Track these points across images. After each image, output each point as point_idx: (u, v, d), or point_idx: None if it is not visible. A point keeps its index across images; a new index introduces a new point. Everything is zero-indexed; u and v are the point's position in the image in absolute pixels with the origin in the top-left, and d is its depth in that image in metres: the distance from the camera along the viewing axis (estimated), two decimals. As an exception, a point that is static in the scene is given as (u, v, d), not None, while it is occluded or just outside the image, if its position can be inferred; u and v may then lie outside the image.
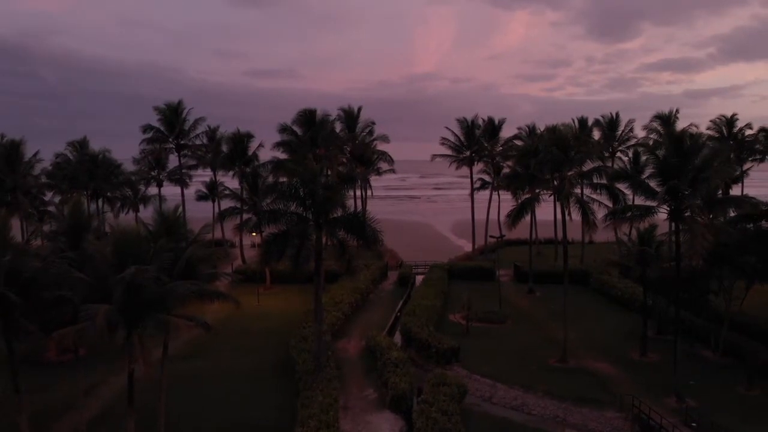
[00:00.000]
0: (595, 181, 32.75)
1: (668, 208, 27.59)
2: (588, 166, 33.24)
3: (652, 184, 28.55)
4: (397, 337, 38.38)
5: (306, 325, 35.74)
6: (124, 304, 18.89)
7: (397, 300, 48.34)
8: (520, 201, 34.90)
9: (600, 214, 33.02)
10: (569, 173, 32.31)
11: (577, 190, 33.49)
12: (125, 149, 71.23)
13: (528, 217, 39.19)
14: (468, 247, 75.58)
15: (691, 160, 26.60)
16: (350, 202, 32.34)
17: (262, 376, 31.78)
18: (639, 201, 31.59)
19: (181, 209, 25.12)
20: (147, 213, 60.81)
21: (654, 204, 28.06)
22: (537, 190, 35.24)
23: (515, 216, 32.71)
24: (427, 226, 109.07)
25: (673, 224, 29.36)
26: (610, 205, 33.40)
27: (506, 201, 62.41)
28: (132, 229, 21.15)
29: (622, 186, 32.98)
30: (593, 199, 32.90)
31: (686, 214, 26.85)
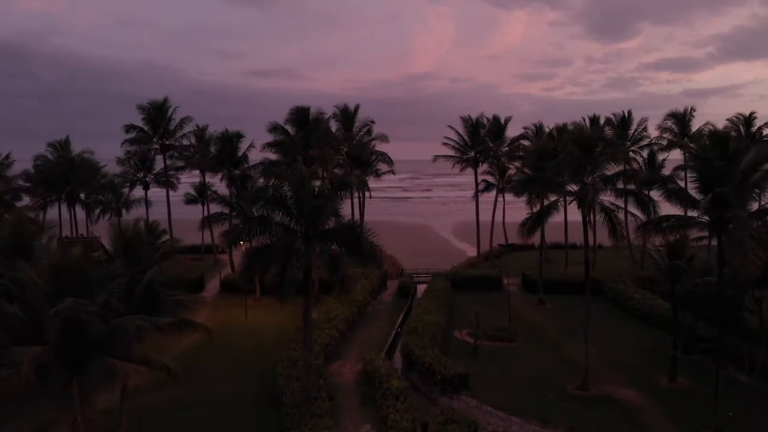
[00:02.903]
0: (620, 186, 29.07)
1: (709, 219, 23.92)
2: (612, 169, 29.46)
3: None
4: (398, 358, 34.77)
5: (296, 346, 32.04)
6: (61, 345, 15.25)
7: (397, 313, 44.55)
8: (536, 210, 31.00)
9: (623, 221, 29.60)
10: (592, 178, 28.53)
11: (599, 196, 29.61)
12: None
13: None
14: (470, 251, 72.14)
15: (738, 163, 22.98)
16: (347, 207, 28.67)
17: (246, 405, 28.23)
18: (665, 208, 27.88)
19: (144, 221, 21.34)
20: (132, 216, 57.32)
21: (694, 214, 24.41)
22: (556, 197, 31.39)
23: (530, 227, 28.89)
24: (428, 229, 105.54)
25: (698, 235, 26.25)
26: (634, 211, 29.87)
27: (511, 203, 58.73)
28: (74, 249, 17.43)
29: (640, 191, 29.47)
30: (617, 207, 29.20)
31: (731, 226, 23.15)
